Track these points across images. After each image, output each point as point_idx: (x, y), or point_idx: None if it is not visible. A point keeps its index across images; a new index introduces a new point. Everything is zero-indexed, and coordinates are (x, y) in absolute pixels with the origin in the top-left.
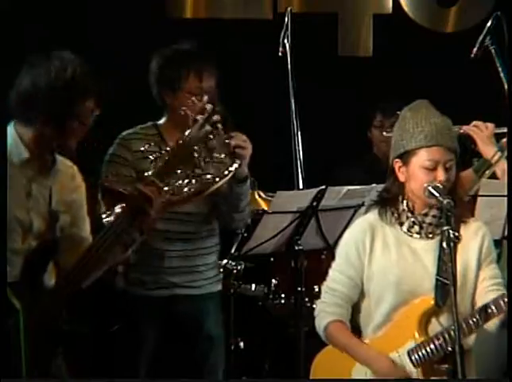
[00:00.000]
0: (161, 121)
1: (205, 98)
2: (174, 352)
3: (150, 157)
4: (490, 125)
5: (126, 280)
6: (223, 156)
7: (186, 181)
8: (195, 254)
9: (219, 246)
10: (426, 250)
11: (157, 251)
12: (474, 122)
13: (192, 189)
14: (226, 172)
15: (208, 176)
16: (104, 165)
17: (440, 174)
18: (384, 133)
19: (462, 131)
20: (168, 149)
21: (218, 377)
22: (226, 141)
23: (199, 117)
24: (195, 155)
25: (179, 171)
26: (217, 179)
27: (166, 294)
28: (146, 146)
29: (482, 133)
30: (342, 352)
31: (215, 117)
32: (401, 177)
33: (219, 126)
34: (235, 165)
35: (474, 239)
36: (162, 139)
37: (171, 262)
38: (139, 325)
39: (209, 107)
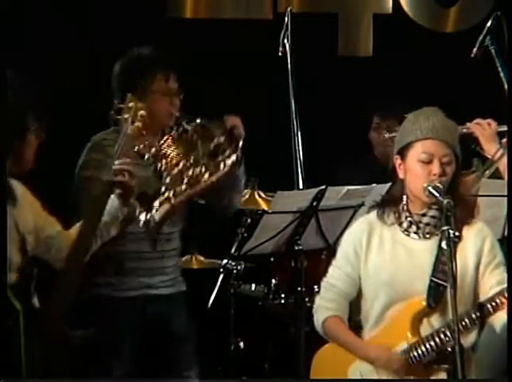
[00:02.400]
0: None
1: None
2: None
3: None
4: (493, 122)
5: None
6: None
7: (202, 169)
8: (160, 256)
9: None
10: (423, 250)
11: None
12: (475, 120)
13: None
14: (227, 160)
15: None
16: (82, 169)
17: (435, 168)
18: (386, 135)
19: (465, 130)
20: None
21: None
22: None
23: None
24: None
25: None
26: (221, 166)
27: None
28: None
29: (485, 131)
30: (339, 346)
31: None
32: (401, 174)
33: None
34: (235, 155)
35: (473, 241)
36: None
37: (139, 262)
38: (113, 327)
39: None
